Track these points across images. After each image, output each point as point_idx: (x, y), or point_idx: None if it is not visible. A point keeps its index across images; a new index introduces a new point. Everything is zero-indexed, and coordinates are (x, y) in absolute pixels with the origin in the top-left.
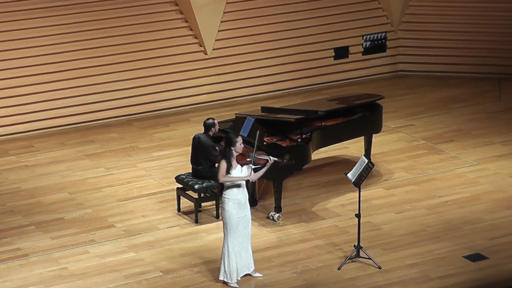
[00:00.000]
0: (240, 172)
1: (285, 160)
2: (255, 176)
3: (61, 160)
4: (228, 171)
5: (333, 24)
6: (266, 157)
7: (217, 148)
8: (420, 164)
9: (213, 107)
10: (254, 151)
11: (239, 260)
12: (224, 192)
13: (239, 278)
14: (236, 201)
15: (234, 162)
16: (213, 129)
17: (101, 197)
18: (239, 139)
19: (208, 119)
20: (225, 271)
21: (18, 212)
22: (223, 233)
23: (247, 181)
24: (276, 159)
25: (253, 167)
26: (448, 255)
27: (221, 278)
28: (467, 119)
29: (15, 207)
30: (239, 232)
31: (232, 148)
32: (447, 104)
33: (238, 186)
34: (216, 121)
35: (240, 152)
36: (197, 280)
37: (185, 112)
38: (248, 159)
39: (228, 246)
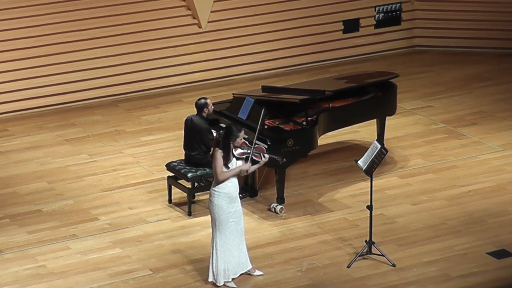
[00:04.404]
0: (235, 165)
1: (284, 159)
2: (248, 170)
3: (39, 145)
4: (225, 165)
5: None
6: (262, 153)
7: (212, 131)
8: (439, 150)
9: (208, 86)
10: (254, 144)
11: (230, 259)
12: (214, 186)
13: (230, 280)
14: (227, 195)
15: (230, 156)
16: (206, 110)
17: (83, 187)
18: (241, 134)
19: (200, 98)
20: (213, 271)
21: None
22: (211, 230)
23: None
24: (275, 156)
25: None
26: (470, 251)
27: (210, 279)
28: (491, 99)
29: None
30: (230, 228)
31: (231, 142)
32: (469, 83)
33: (232, 178)
34: (209, 101)
35: (239, 146)
36: (190, 280)
37: (177, 92)
38: (245, 152)
39: (216, 243)
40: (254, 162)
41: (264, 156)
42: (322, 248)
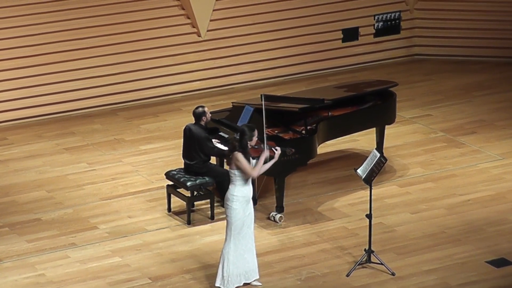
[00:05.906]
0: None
1: (293, 150)
2: (265, 167)
3: (38, 154)
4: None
5: (341, 2)
6: (273, 147)
7: (212, 139)
8: (438, 158)
9: (207, 95)
10: (265, 140)
11: (242, 264)
12: (232, 190)
13: (241, 284)
14: (244, 198)
15: (249, 156)
16: (204, 118)
17: (82, 196)
18: (256, 132)
19: (197, 107)
20: (223, 276)
21: None
22: (225, 234)
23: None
24: (285, 149)
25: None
26: (470, 260)
27: (217, 284)
28: (491, 108)
29: None
30: (243, 232)
31: (248, 141)
32: (468, 92)
33: (248, 182)
34: (207, 109)
35: (254, 145)
36: None
37: (176, 100)
38: (260, 149)
39: (230, 248)
40: (269, 158)
41: (276, 149)
42: (321, 257)
